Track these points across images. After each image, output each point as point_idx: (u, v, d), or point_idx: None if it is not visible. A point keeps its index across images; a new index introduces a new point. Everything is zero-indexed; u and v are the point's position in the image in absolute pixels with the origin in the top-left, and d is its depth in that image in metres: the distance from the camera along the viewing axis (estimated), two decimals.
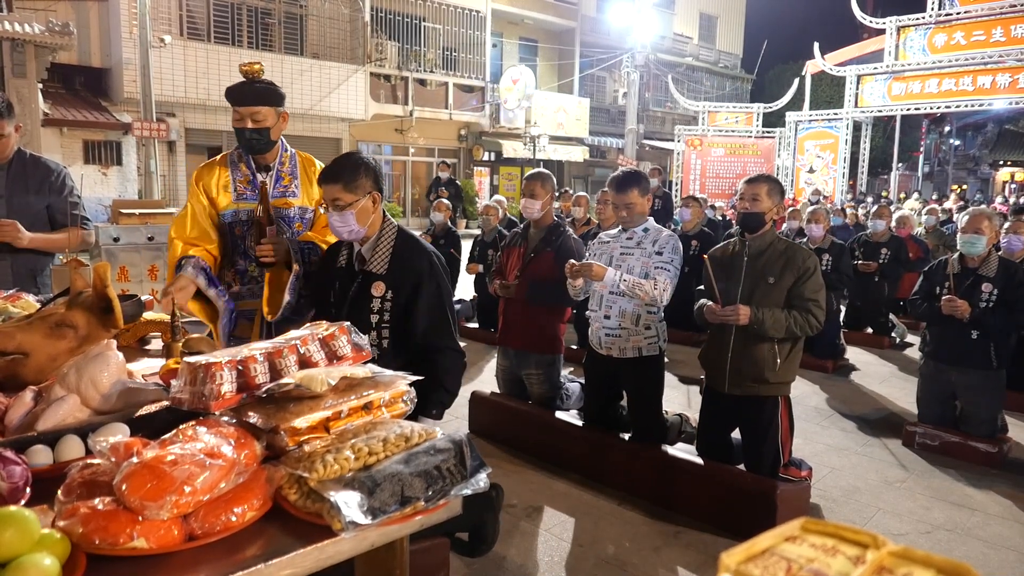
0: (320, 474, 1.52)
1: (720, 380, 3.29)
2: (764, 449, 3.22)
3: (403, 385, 1.90)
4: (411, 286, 2.38)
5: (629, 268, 3.36)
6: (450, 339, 2.43)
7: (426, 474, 1.65)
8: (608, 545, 2.99)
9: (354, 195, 2.35)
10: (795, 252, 3.18)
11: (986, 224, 3.98)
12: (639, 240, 3.42)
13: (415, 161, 20.42)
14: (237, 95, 2.65)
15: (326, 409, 1.70)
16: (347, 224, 2.36)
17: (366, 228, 2.41)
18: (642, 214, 3.45)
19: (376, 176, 2.44)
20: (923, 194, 22.74)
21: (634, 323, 3.39)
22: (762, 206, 3.20)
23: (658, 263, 3.32)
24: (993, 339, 3.96)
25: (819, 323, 3.10)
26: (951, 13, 15.05)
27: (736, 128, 18.63)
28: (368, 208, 2.39)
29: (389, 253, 2.44)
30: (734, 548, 0.64)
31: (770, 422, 3.21)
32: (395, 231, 2.49)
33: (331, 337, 1.95)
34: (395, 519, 1.57)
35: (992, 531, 3.22)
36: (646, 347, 3.42)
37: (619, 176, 3.48)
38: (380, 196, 2.44)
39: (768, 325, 3.06)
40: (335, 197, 2.35)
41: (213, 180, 2.75)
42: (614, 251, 3.47)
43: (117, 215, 9.39)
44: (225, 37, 16.32)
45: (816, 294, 3.10)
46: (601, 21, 23.83)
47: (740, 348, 3.19)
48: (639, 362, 3.43)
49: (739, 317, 3.08)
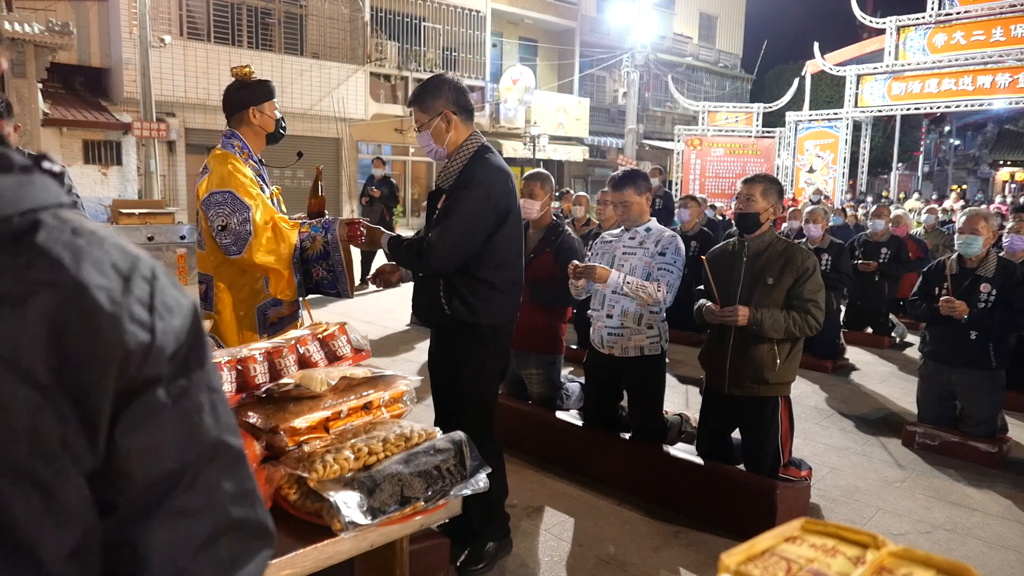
0: (320, 474, 1.52)
1: (720, 381, 3.28)
2: (764, 449, 3.22)
3: (403, 385, 1.90)
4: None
5: (631, 268, 3.36)
6: (431, 241, 2.41)
7: (426, 474, 1.65)
8: (608, 545, 2.99)
9: (428, 115, 2.48)
10: (794, 253, 3.17)
11: (982, 225, 3.98)
12: (641, 240, 3.42)
13: (415, 161, 20.42)
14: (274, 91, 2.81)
15: (326, 409, 1.70)
16: (427, 144, 2.52)
17: (445, 147, 2.51)
18: (641, 213, 3.45)
19: (453, 96, 2.50)
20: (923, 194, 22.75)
21: (636, 322, 3.39)
22: (756, 206, 3.20)
23: (661, 264, 3.32)
24: (992, 340, 3.96)
25: (818, 324, 3.10)
26: (951, 13, 15.03)
27: (736, 128, 18.62)
28: (442, 128, 2.49)
29: (459, 171, 2.50)
30: (734, 548, 0.64)
31: (770, 422, 3.21)
32: (472, 152, 2.52)
33: (331, 337, 1.95)
34: (395, 519, 1.57)
35: (992, 531, 3.22)
36: (648, 346, 3.41)
37: (617, 175, 3.50)
38: (456, 116, 2.50)
39: (767, 326, 3.06)
40: (416, 118, 2.51)
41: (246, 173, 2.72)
42: (616, 251, 3.48)
43: (117, 215, 9.41)
44: (225, 37, 16.32)
45: (815, 295, 3.10)
46: (601, 21, 23.82)
47: (740, 349, 3.19)
48: (641, 361, 3.43)
49: (738, 318, 3.08)
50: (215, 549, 0.57)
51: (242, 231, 2.53)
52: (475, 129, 2.57)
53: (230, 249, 2.56)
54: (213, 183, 2.61)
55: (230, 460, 0.59)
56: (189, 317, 0.59)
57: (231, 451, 0.60)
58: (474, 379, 2.62)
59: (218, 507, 0.58)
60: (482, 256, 2.48)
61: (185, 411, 0.57)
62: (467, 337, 2.57)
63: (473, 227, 2.43)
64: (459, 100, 2.50)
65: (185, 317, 0.59)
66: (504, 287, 2.57)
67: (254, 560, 0.60)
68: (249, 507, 0.60)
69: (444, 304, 2.50)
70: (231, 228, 2.54)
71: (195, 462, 0.57)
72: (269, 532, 0.63)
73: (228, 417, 0.61)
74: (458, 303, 2.49)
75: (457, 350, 2.61)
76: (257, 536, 0.61)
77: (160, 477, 0.55)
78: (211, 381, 0.60)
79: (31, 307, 0.50)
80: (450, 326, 2.57)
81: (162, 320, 0.56)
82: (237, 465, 0.60)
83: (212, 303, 2.71)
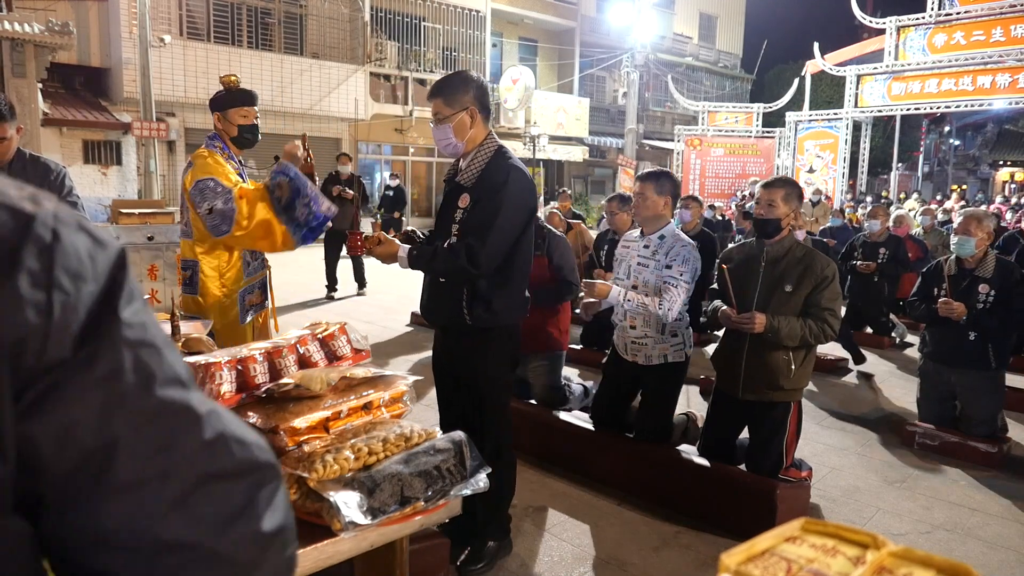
0: (320, 474, 1.52)
1: (734, 385, 3.25)
2: (769, 451, 3.22)
3: (403, 385, 1.90)
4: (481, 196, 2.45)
5: (644, 280, 3.35)
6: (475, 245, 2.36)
7: (426, 474, 1.65)
8: (608, 545, 2.99)
9: (451, 108, 2.46)
10: (814, 260, 3.12)
11: (975, 226, 3.98)
12: (655, 249, 3.36)
13: (415, 161, 20.41)
14: (251, 97, 3.11)
15: (326, 409, 1.70)
16: (446, 137, 2.48)
17: (464, 142, 2.49)
18: (657, 215, 3.36)
19: (478, 94, 2.50)
20: (923, 194, 22.74)
21: (659, 331, 3.35)
22: (778, 212, 3.15)
23: (666, 277, 3.27)
24: (991, 340, 3.96)
25: (834, 332, 3.09)
26: (951, 13, 15.04)
27: (736, 128, 18.63)
28: (465, 122, 2.47)
29: (481, 168, 2.49)
30: (734, 548, 0.64)
31: (779, 425, 3.21)
32: (493, 150, 2.53)
33: (331, 337, 1.95)
34: (395, 519, 1.57)
35: (992, 531, 3.22)
36: (672, 354, 3.38)
37: (647, 170, 3.54)
38: (479, 112, 2.50)
39: (784, 334, 3.03)
40: (437, 111, 2.48)
41: (226, 167, 3.04)
42: (632, 260, 3.45)
43: (117, 215, 9.40)
44: (225, 37, 16.31)
45: (832, 303, 3.07)
46: (601, 21, 23.82)
47: (755, 355, 3.16)
48: (664, 368, 3.40)
49: (755, 325, 3.05)
50: (195, 506, 0.51)
51: (227, 209, 2.86)
52: (491, 130, 2.58)
53: (220, 228, 2.89)
54: (198, 173, 2.94)
55: (175, 415, 0.52)
56: (106, 272, 0.51)
57: (174, 406, 0.52)
58: (492, 381, 2.62)
59: (178, 466, 0.51)
60: (511, 256, 2.50)
61: (97, 379, 0.48)
62: (484, 340, 2.56)
63: (513, 227, 2.48)
64: (483, 99, 2.52)
65: (101, 275, 0.50)
66: (523, 286, 2.62)
67: (260, 498, 0.55)
68: (224, 454, 0.53)
69: (466, 311, 2.49)
70: (217, 210, 2.87)
71: (126, 432, 0.49)
72: (261, 464, 0.56)
73: (169, 369, 0.53)
74: (480, 309, 2.48)
75: (473, 354, 2.59)
76: (247, 473, 0.55)
77: (80, 461, 0.48)
78: (134, 335, 0.51)
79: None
80: (466, 330, 2.56)
81: (64, 294, 0.47)
82: (188, 418, 0.52)
83: (197, 287, 3.05)
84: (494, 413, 2.62)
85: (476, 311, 2.49)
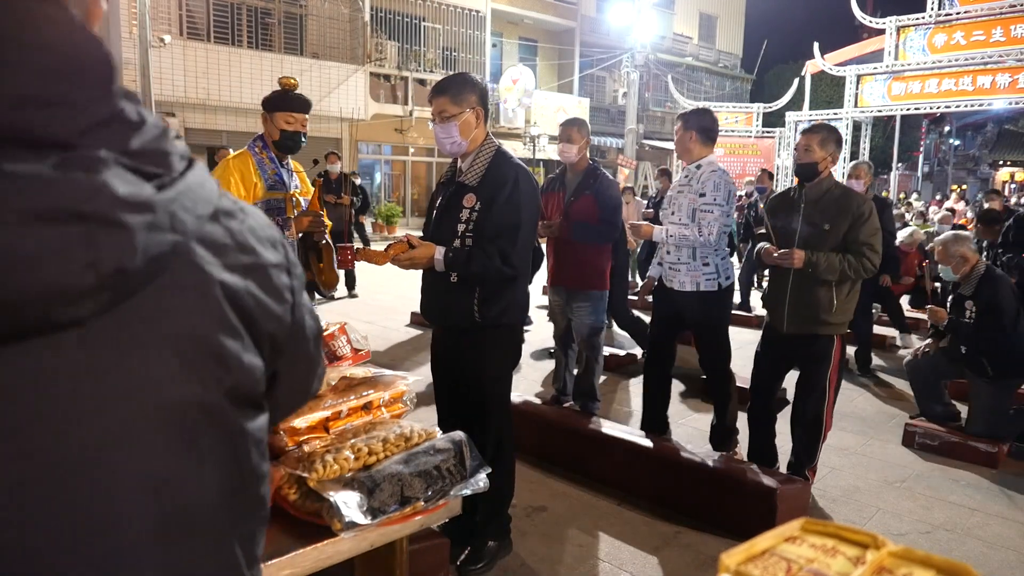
0: (320, 474, 1.52)
1: (779, 320, 3.44)
2: (814, 381, 3.39)
3: (403, 385, 1.90)
4: (495, 196, 2.47)
5: (678, 207, 3.68)
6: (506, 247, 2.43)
7: (426, 474, 1.65)
8: (608, 545, 2.99)
9: (458, 107, 2.48)
10: (850, 198, 3.29)
11: (942, 254, 4.17)
12: (690, 177, 3.68)
13: (415, 161, 20.42)
14: (300, 103, 3.13)
15: (326, 409, 1.70)
16: (450, 135, 2.49)
17: (467, 142, 2.52)
18: (688, 149, 3.68)
19: (483, 94, 2.55)
20: (923, 194, 22.75)
21: (691, 257, 3.61)
22: (815, 155, 3.32)
23: (701, 205, 3.56)
24: (984, 355, 4.05)
25: (874, 266, 3.22)
26: (951, 13, 15.03)
27: (736, 128, 18.62)
28: (471, 122, 2.50)
29: (484, 168, 2.52)
30: (734, 548, 0.64)
31: (824, 357, 3.36)
32: (495, 149, 2.57)
33: (331, 337, 1.95)
34: (395, 519, 1.57)
35: (992, 531, 3.22)
36: (704, 282, 3.62)
37: (680, 112, 3.90)
38: (484, 112, 2.54)
39: (823, 268, 3.19)
40: (441, 109, 2.49)
41: (250, 170, 3.05)
42: (673, 191, 3.81)
43: None
44: (225, 37, 16.31)
45: (871, 238, 3.21)
46: (601, 21, 23.82)
47: (798, 290, 3.34)
48: (698, 297, 3.62)
49: (793, 260, 3.22)
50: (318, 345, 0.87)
51: None
52: (489, 132, 2.62)
53: None
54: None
55: (316, 317, 0.86)
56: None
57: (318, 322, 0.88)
58: (494, 380, 2.63)
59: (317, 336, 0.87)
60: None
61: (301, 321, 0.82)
62: (488, 339, 2.58)
63: (533, 224, 2.57)
64: (485, 101, 2.57)
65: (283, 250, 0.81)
66: (527, 281, 2.67)
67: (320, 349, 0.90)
68: (319, 334, 0.87)
69: (476, 310, 2.51)
70: None
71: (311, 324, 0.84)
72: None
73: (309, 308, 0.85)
74: (491, 307, 2.50)
75: (476, 352, 2.59)
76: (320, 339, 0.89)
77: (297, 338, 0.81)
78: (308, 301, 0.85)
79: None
80: (469, 329, 2.56)
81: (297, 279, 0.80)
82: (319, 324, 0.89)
83: None
84: (496, 412, 2.62)
85: (486, 309, 2.50)
